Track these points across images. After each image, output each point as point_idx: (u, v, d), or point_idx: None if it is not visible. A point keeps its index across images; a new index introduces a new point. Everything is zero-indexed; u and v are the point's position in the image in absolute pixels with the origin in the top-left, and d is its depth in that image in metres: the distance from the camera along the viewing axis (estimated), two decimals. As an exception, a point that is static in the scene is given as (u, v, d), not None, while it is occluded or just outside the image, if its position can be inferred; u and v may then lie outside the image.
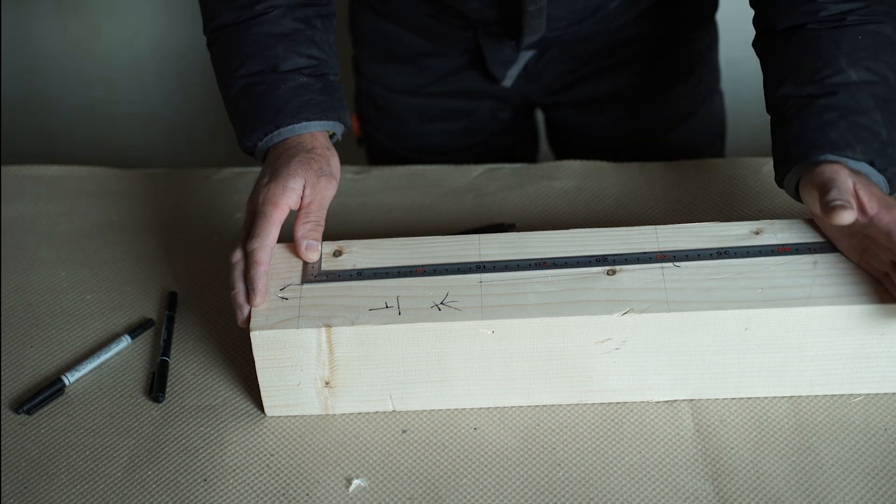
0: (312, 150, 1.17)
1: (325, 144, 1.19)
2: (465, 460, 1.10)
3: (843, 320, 1.06)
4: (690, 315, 1.06)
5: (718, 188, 1.36)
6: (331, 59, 1.24)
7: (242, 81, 1.20)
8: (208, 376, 1.19)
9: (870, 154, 1.09)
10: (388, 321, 1.08)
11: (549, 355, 1.09)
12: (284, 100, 1.19)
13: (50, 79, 2.42)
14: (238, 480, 1.09)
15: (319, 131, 1.20)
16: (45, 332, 1.26)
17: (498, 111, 1.59)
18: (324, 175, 1.16)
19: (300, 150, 1.17)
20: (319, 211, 1.16)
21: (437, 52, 1.52)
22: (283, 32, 1.21)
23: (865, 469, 1.06)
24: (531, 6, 1.30)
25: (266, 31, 1.20)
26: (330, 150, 1.20)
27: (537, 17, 1.33)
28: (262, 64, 1.20)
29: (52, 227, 1.39)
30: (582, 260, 1.11)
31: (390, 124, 1.62)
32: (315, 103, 1.20)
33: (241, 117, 1.21)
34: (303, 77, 1.20)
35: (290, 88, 1.19)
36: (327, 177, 1.17)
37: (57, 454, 1.13)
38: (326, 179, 1.17)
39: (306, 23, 1.22)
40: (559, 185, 1.39)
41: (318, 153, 1.17)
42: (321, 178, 1.16)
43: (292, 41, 1.21)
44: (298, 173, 1.14)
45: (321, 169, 1.16)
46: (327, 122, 1.20)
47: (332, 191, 1.17)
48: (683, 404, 1.12)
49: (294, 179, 1.14)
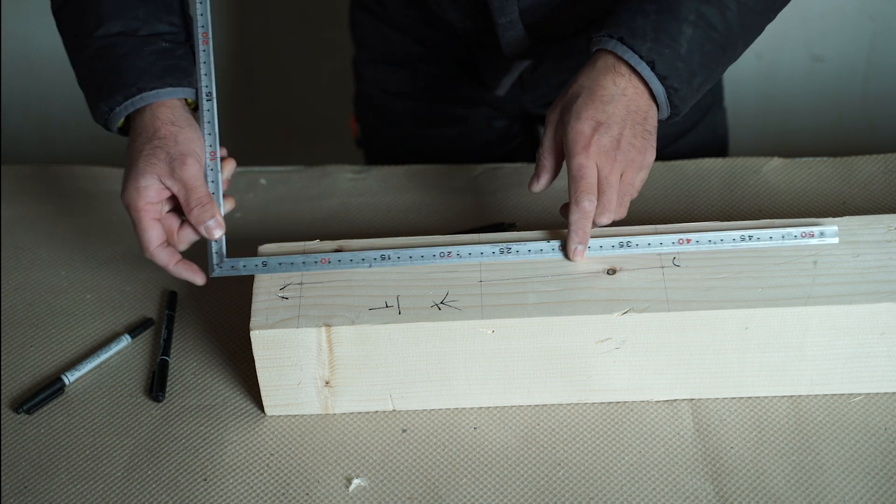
0: (156, 135, 1.12)
1: (170, 120, 1.13)
2: (465, 460, 1.10)
3: (843, 320, 1.06)
4: (690, 314, 1.06)
5: (718, 188, 1.36)
6: (189, 30, 1.20)
7: (100, 43, 1.15)
8: (208, 376, 1.19)
9: (655, 55, 1.09)
10: (388, 320, 1.08)
11: (549, 355, 1.09)
12: (148, 62, 1.14)
13: (50, 79, 2.42)
14: (238, 480, 1.09)
15: (176, 100, 1.15)
16: (45, 331, 1.26)
17: (492, 119, 1.58)
18: (174, 159, 1.11)
19: (145, 142, 1.12)
20: (196, 192, 1.11)
21: (432, 57, 1.52)
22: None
23: (865, 469, 1.06)
24: (501, 18, 1.30)
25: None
26: (176, 124, 1.13)
27: (510, 28, 1.32)
28: (122, 25, 1.15)
29: (52, 227, 1.39)
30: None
31: (387, 127, 1.61)
32: (180, 69, 1.15)
33: (97, 80, 1.15)
34: (164, 42, 1.16)
35: (153, 51, 1.15)
36: (179, 158, 1.11)
37: (57, 454, 1.13)
38: (180, 161, 1.11)
39: None
40: (559, 185, 1.39)
41: (161, 135, 1.12)
42: (173, 163, 1.11)
43: (153, 5, 1.17)
44: (146, 171, 1.10)
45: (169, 154, 1.11)
46: (189, 88, 1.16)
47: (192, 168, 1.11)
48: (683, 404, 1.12)
49: (144, 178, 1.10)
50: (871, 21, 2.16)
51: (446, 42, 1.48)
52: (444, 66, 1.52)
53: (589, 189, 1.08)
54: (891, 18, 2.16)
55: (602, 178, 1.09)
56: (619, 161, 1.09)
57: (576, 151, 1.08)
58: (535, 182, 1.14)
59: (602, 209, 1.09)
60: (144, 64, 1.14)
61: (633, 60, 1.10)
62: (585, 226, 1.09)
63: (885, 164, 1.37)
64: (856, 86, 2.23)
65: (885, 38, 2.17)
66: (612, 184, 1.09)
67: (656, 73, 1.10)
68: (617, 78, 1.10)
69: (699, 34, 1.10)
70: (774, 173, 1.37)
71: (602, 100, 1.09)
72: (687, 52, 1.10)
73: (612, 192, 1.09)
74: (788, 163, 1.39)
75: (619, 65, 1.10)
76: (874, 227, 1.12)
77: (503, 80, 1.47)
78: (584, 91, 1.10)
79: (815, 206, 1.32)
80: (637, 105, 1.10)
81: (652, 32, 1.09)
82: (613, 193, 1.09)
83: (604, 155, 1.08)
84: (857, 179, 1.36)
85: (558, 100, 1.13)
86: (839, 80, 2.23)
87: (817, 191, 1.34)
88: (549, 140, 1.12)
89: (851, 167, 1.37)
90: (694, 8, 1.10)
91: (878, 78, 2.22)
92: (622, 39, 1.10)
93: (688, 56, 1.10)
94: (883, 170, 1.37)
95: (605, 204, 1.09)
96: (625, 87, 1.10)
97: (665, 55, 1.09)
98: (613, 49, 1.10)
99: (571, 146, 1.09)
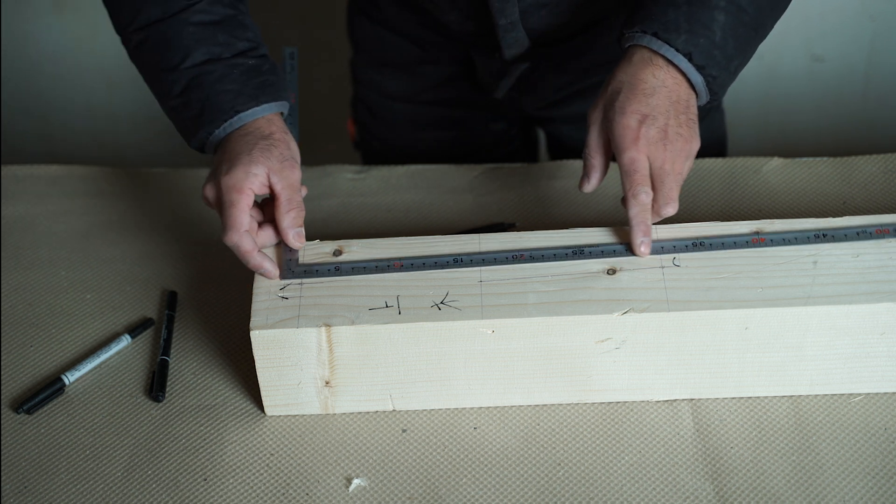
0: (271, 137, 1.15)
1: (282, 128, 1.17)
2: (465, 460, 1.10)
3: (843, 320, 1.06)
4: (690, 314, 1.06)
5: (718, 188, 1.36)
6: (260, 39, 1.22)
7: (189, 74, 1.17)
8: (208, 376, 1.19)
9: (691, 46, 1.10)
10: (388, 320, 1.08)
11: (549, 355, 1.09)
12: (240, 84, 1.16)
13: (50, 79, 2.42)
14: (238, 480, 1.09)
15: (275, 114, 1.18)
16: (45, 331, 1.26)
17: (490, 122, 1.58)
18: (286, 160, 1.14)
19: (258, 138, 1.14)
20: (297, 196, 1.14)
21: (430, 60, 1.52)
22: (218, 20, 1.18)
23: (865, 469, 1.06)
24: (502, 20, 1.30)
25: (202, 21, 1.17)
26: (287, 133, 1.17)
27: (511, 30, 1.32)
28: (206, 54, 1.17)
29: (52, 227, 1.39)
30: (582, 260, 1.11)
31: (384, 131, 1.61)
32: (270, 84, 1.17)
33: (193, 110, 1.17)
34: (250, 60, 1.18)
35: (242, 72, 1.17)
36: (290, 161, 1.14)
37: (57, 454, 1.13)
38: (290, 164, 1.14)
39: (233, 7, 1.20)
40: (559, 185, 1.39)
41: (277, 138, 1.15)
42: (284, 163, 1.14)
43: (229, 27, 1.18)
44: (260, 161, 1.12)
45: (282, 155, 1.14)
46: (283, 102, 1.18)
47: (297, 174, 1.15)
48: (683, 404, 1.12)
49: (256, 166, 1.12)
50: (871, 21, 2.16)
51: (444, 45, 1.48)
52: (442, 70, 1.52)
53: (643, 181, 1.09)
54: (891, 18, 2.16)
55: (656, 170, 1.09)
56: (669, 151, 1.09)
57: (626, 146, 1.09)
58: (586, 182, 1.14)
59: (665, 200, 1.10)
60: (237, 86, 1.16)
61: (670, 54, 1.10)
62: (646, 219, 1.10)
63: (885, 164, 1.37)
64: (856, 86, 2.23)
65: (885, 38, 2.17)
66: (669, 172, 1.10)
67: (694, 63, 1.10)
68: (656, 70, 1.11)
69: (731, 19, 1.11)
70: (774, 173, 1.37)
71: (644, 93, 1.10)
72: (721, 39, 1.11)
73: (670, 181, 1.10)
74: (788, 163, 1.39)
75: (655, 58, 1.11)
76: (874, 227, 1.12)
77: (501, 83, 1.47)
78: (624, 86, 1.11)
79: (815, 206, 1.32)
80: (678, 95, 1.11)
81: (685, 24, 1.10)
82: (672, 182, 1.10)
83: (653, 146, 1.09)
84: (857, 179, 1.36)
85: (598, 98, 1.13)
86: (839, 80, 2.23)
87: (817, 191, 1.34)
88: (595, 138, 1.13)
89: (851, 167, 1.37)
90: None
91: (878, 78, 2.22)
92: (656, 34, 1.10)
93: (722, 42, 1.11)
94: (883, 170, 1.37)
95: (667, 194, 1.10)
96: (664, 78, 1.11)
97: (701, 45, 1.10)
98: (648, 45, 1.11)
99: (620, 141, 1.09)
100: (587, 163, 1.13)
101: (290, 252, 1.14)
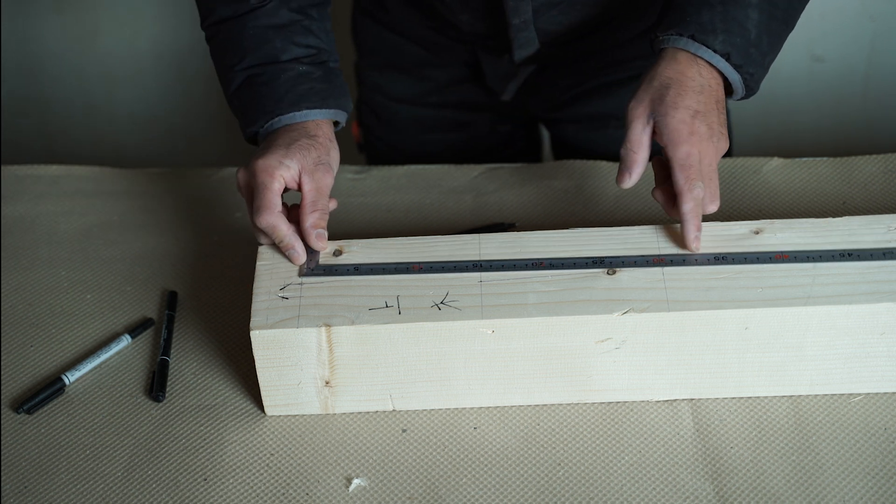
0: (315, 138, 1.16)
1: (328, 135, 1.18)
2: (465, 460, 1.10)
3: (843, 320, 1.06)
4: (690, 314, 1.06)
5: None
6: (329, 47, 1.24)
7: (243, 75, 1.20)
8: (208, 376, 1.19)
9: (729, 47, 1.10)
10: (388, 321, 1.08)
11: (549, 355, 1.09)
12: (285, 89, 1.18)
13: (50, 79, 2.42)
14: (238, 480, 1.09)
15: (323, 120, 1.19)
16: (45, 331, 1.26)
17: (496, 125, 1.58)
18: (321, 164, 1.15)
19: (302, 136, 1.16)
20: (323, 199, 1.15)
21: (436, 62, 1.52)
22: (281, 24, 1.20)
23: (865, 469, 1.06)
24: (515, 19, 1.30)
25: (263, 24, 1.20)
26: (332, 142, 1.19)
27: (524, 29, 1.32)
28: (261, 57, 1.20)
29: (52, 227, 1.39)
30: (581, 260, 1.11)
31: (389, 133, 1.61)
32: (315, 91, 1.19)
33: (243, 109, 1.21)
34: (302, 66, 1.20)
35: (290, 77, 1.19)
36: (325, 166, 1.16)
37: (57, 454, 1.13)
38: (324, 169, 1.15)
39: (302, 13, 1.22)
40: (559, 185, 1.39)
41: (319, 141, 1.17)
42: (318, 166, 1.15)
43: (290, 32, 1.21)
44: (295, 156, 1.14)
45: (319, 158, 1.15)
46: (328, 110, 1.20)
47: (329, 180, 1.16)
48: (683, 404, 1.12)
49: (291, 159, 1.13)
50: (871, 21, 2.16)
51: (451, 47, 1.47)
52: (448, 72, 1.52)
53: (699, 176, 1.09)
54: (891, 18, 2.16)
55: (706, 166, 1.10)
56: (715, 148, 1.10)
57: (681, 140, 1.09)
58: (627, 177, 1.12)
59: (712, 197, 1.11)
60: (281, 91, 1.18)
61: (708, 55, 1.11)
62: (699, 213, 1.10)
63: (885, 164, 1.37)
64: (856, 86, 2.23)
65: (885, 38, 2.17)
66: (715, 170, 1.10)
67: (732, 63, 1.11)
68: (701, 69, 1.11)
69: (765, 16, 1.12)
70: (774, 173, 1.37)
71: (694, 90, 1.10)
72: (756, 37, 1.12)
73: (716, 178, 1.10)
74: (788, 163, 1.39)
75: (697, 58, 1.11)
76: (874, 227, 1.12)
77: (509, 86, 1.47)
78: (673, 83, 1.11)
79: (815, 206, 1.32)
80: (719, 95, 1.12)
81: (721, 24, 1.11)
82: (717, 179, 1.11)
83: (704, 143, 1.09)
84: (857, 179, 1.36)
85: (640, 94, 1.12)
86: (839, 80, 2.23)
87: (817, 191, 1.34)
88: (639, 133, 1.12)
89: (851, 167, 1.37)
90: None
91: (878, 78, 2.22)
92: (693, 37, 1.11)
93: (758, 40, 1.12)
94: (883, 170, 1.37)
95: (714, 191, 1.10)
96: (708, 78, 1.12)
97: (738, 45, 1.11)
98: (685, 47, 1.11)
99: (675, 136, 1.09)
100: (628, 158, 1.12)
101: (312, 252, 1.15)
